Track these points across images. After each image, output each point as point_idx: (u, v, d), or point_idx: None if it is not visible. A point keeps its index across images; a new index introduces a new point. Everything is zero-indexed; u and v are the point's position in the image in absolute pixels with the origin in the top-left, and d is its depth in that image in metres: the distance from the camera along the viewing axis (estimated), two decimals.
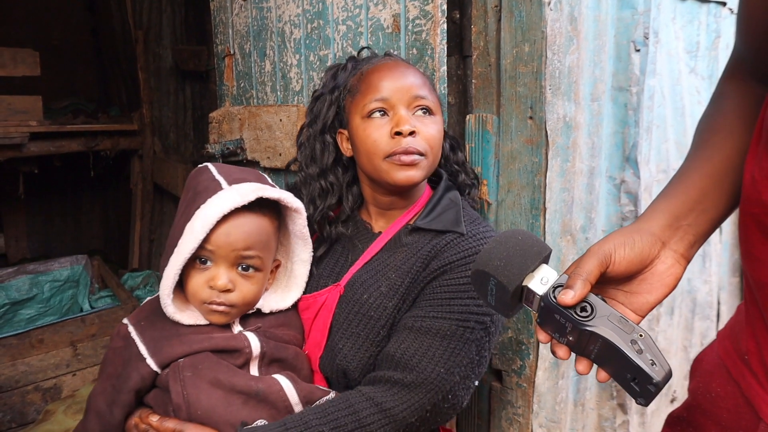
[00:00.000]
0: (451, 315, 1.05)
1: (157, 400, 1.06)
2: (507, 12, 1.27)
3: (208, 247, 1.02)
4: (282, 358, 1.11)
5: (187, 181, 1.12)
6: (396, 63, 1.18)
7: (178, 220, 1.07)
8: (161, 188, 4.19)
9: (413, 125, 1.09)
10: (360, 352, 1.10)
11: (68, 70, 4.98)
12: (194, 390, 1.01)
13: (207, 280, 1.04)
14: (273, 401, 1.03)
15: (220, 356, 1.05)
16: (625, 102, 1.41)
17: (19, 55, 3.49)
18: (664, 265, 0.78)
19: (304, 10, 1.63)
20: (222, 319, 1.08)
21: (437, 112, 1.15)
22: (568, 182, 1.31)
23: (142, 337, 1.07)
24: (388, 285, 1.11)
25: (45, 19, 4.80)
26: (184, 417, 1.01)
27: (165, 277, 1.04)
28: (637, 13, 1.37)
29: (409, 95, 1.12)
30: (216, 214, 1.00)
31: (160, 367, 1.04)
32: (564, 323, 0.72)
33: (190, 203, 1.05)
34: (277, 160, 1.76)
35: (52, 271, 3.64)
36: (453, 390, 1.04)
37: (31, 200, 4.58)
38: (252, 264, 1.07)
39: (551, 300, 0.72)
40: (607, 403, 1.50)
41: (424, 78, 1.17)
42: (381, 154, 1.11)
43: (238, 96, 1.99)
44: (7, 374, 2.62)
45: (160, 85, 4.13)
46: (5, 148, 3.47)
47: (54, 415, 2.29)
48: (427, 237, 1.13)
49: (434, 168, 1.17)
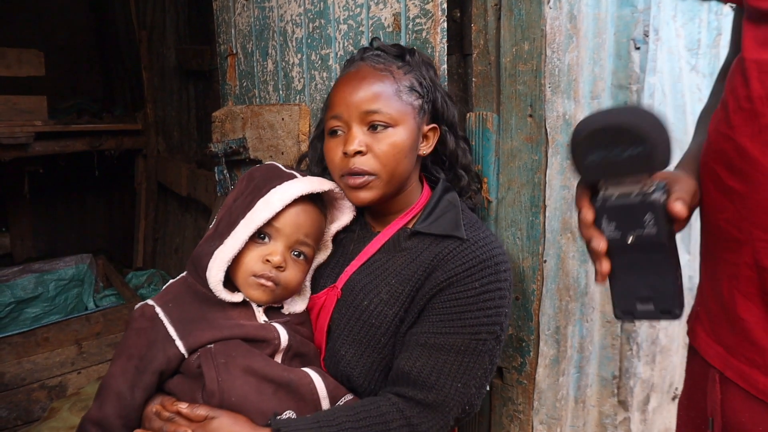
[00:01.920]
0: (464, 330, 1.04)
1: (182, 386, 1.04)
2: (507, 10, 1.27)
3: (275, 225, 1.08)
4: (305, 352, 1.13)
5: (249, 174, 1.16)
6: (356, 73, 1.13)
7: (235, 205, 1.11)
8: (165, 187, 4.21)
9: (361, 144, 1.08)
10: (363, 358, 1.11)
11: (73, 70, 5.02)
12: (228, 377, 1.00)
13: (263, 254, 1.07)
14: (302, 393, 1.04)
15: (250, 345, 1.06)
16: (625, 100, 1.41)
17: (25, 55, 3.53)
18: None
19: (305, 9, 1.64)
20: (264, 296, 1.09)
21: (400, 122, 1.10)
22: (568, 180, 1.31)
23: (170, 318, 1.05)
24: (388, 291, 1.11)
25: (50, 20, 4.84)
26: (216, 404, 1.00)
27: (225, 249, 1.06)
28: (636, 11, 1.37)
29: (360, 111, 1.08)
30: (295, 192, 1.08)
31: (188, 351, 1.03)
32: (649, 221, 0.73)
33: (259, 187, 1.10)
34: (279, 158, 1.77)
35: (57, 270, 3.67)
36: (470, 401, 1.06)
37: (36, 200, 4.62)
38: (304, 251, 1.13)
39: (660, 203, 0.73)
40: (608, 400, 1.50)
41: (384, 87, 1.10)
42: (337, 173, 1.13)
43: (241, 95, 2.00)
44: (13, 372, 2.64)
45: (164, 84, 4.15)
46: (11, 148, 3.50)
47: (59, 413, 2.31)
48: (427, 241, 1.13)
49: (400, 181, 1.14)
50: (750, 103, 0.70)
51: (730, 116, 0.73)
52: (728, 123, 0.73)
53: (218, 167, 2.00)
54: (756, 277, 0.72)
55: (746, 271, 0.72)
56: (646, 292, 0.75)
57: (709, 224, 0.79)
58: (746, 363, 0.73)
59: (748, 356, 0.73)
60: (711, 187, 0.77)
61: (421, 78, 1.16)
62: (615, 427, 1.52)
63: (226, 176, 2.00)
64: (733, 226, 0.73)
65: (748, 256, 0.72)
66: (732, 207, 0.73)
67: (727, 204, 0.74)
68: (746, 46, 0.72)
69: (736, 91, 0.73)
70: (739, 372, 0.74)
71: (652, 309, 0.76)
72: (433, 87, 1.19)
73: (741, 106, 0.71)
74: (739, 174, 0.72)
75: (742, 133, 0.70)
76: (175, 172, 3.92)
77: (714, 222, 0.77)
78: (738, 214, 0.72)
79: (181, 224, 4.12)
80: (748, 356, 0.73)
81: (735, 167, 0.72)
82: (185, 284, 1.12)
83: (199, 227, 3.77)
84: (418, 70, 1.17)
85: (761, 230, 0.70)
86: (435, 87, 1.19)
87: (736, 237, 0.73)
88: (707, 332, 0.80)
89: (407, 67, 1.16)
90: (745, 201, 0.71)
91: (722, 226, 0.75)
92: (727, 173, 0.73)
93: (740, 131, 0.71)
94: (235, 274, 1.09)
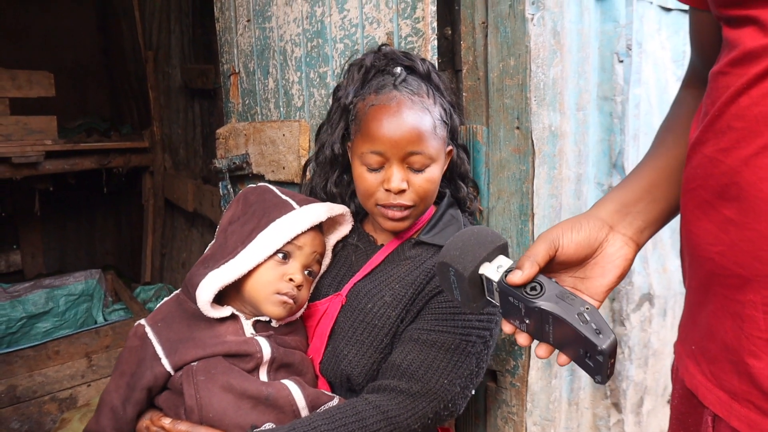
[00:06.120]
0: (455, 330, 1.10)
1: (168, 402, 1.11)
2: (493, 28, 1.34)
3: (297, 244, 1.15)
4: (290, 363, 1.17)
5: (243, 197, 1.22)
6: (398, 106, 1.13)
7: (231, 228, 1.18)
8: (172, 203, 4.28)
9: (404, 182, 1.13)
10: (364, 358, 1.15)
11: (81, 90, 5.12)
12: (207, 393, 1.06)
13: (285, 273, 1.13)
14: (281, 405, 1.09)
15: (233, 360, 1.11)
16: (610, 111, 1.46)
17: (35, 77, 3.62)
18: (613, 248, 0.82)
19: (304, 29, 1.71)
20: (284, 312, 1.14)
21: (436, 159, 1.15)
22: (555, 189, 1.36)
23: (159, 338, 1.12)
24: (391, 295, 1.17)
25: (59, 41, 4.95)
26: (196, 419, 1.06)
27: (227, 269, 1.11)
28: (619, 26, 1.43)
29: (404, 152, 1.12)
30: (321, 214, 1.19)
31: (174, 369, 1.10)
32: (518, 305, 0.76)
33: (270, 210, 1.17)
34: (280, 173, 1.83)
35: (67, 285, 3.74)
36: (453, 399, 1.10)
37: (46, 217, 4.70)
38: (314, 270, 1.21)
39: (503, 283, 0.77)
40: (602, 402, 1.54)
41: (424, 125, 1.13)
42: (372, 201, 1.17)
43: (244, 112, 2.06)
44: (25, 385, 2.70)
45: (170, 103, 4.23)
46: (22, 167, 3.58)
47: (70, 423, 2.36)
48: (430, 251, 1.20)
49: (428, 207, 1.21)
50: (742, 121, 0.62)
51: (718, 136, 0.66)
52: (717, 144, 0.66)
53: (222, 182, 2.06)
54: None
55: (753, 311, 0.64)
56: (582, 349, 0.73)
57: (699, 256, 0.71)
58: (756, 411, 0.65)
59: (757, 404, 0.65)
60: (699, 215, 0.70)
61: (443, 101, 1.22)
62: (609, 429, 1.55)
63: (230, 191, 2.06)
64: (731, 261, 0.65)
65: (753, 295, 0.64)
66: (727, 238, 0.65)
67: (721, 236, 0.66)
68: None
69: (722, 107, 0.66)
70: (747, 421, 0.66)
71: (595, 363, 0.73)
72: (451, 108, 1.25)
73: (731, 125, 0.64)
74: (735, 202, 0.64)
75: (735, 157, 0.63)
76: (181, 189, 3.99)
77: (705, 255, 0.69)
78: (735, 246, 0.65)
79: (188, 239, 4.19)
80: (756, 404, 0.65)
81: (729, 194, 0.64)
82: (177, 302, 1.19)
83: (205, 242, 3.83)
84: (440, 92, 1.22)
85: (766, 266, 0.62)
86: (452, 107, 1.25)
87: (737, 273, 0.65)
88: (705, 375, 0.72)
89: (433, 90, 1.20)
90: (744, 232, 0.63)
91: (716, 260, 0.67)
92: (720, 201, 0.66)
93: (733, 154, 0.63)
94: (252, 292, 1.14)
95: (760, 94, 0.60)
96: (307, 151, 1.74)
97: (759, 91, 0.60)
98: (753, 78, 0.61)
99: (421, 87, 1.18)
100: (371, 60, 1.24)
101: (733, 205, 0.64)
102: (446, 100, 1.23)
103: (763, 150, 0.60)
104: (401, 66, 1.21)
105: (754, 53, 0.61)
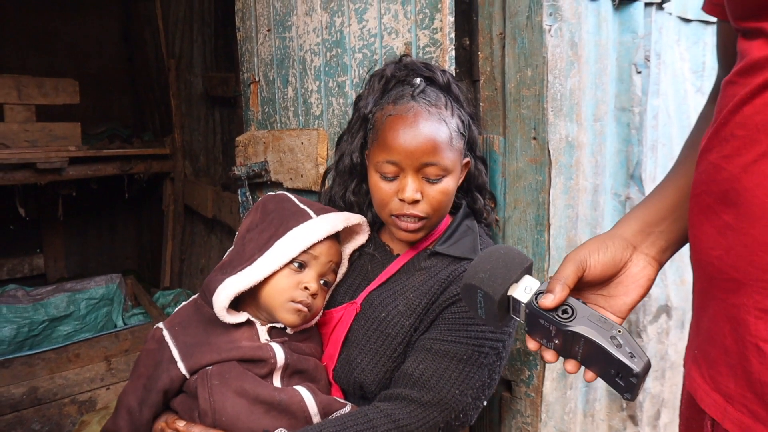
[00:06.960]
0: (468, 340, 1.10)
1: (183, 405, 1.13)
2: (510, 39, 1.34)
3: (313, 253, 1.16)
4: (303, 369, 1.18)
5: (262, 205, 1.24)
6: (415, 117, 1.14)
7: (249, 236, 1.19)
8: (192, 209, 4.33)
9: (418, 192, 1.14)
10: (377, 366, 1.16)
11: (105, 97, 5.22)
12: (221, 397, 1.07)
13: (300, 282, 1.15)
14: (293, 411, 1.10)
15: (247, 365, 1.12)
16: (628, 122, 1.46)
17: (61, 84, 3.70)
18: (637, 267, 0.84)
19: (323, 39, 1.73)
20: (298, 320, 1.16)
21: (452, 170, 1.16)
22: (572, 199, 1.36)
23: (176, 341, 1.14)
24: (405, 304, 1.17)
25: (84, 49, 5.06)
26: (210, 423, 1.07)
27: (243, 276, 1.13)
28: (637, 36, 1.43)
29: (419, 162, 1.13)
30: (338, 224, 1.20)
31: (190, 372, 1.11)
32: (548, 327, 0.77)
33: (287, 218, 1.19)
34: (299, 181, 1.85)
35: (88, 289, 3.81)
36: (465, 410, 1.10)
37: (68, 222, 4.77)
38: (329, 280, 1.22)
39: (534, 306, 0.78)
40: (618, 414, 1.53)
41: (440, 136, 1.13)
42: (387, 211, 1.19)
43: (263, 120, 2.09)
44: (46, 387, 2.75)
45: (191, 110, 4.30)
46: (46, 172, 3.65)
47: (89, 425, 2.40)
48: (445, 262, 1.20)
49: (443, 218, 1.22)
50: (744, 129, 0.64)
51: (722, 144, 0.68)
52: (720, 151, 0.68)
53: (241, 189, 2.09)
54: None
55: (746, 315, 0.65)
56: (614, 370, 0.74)
57: (701, 260, 0.73)
58: (748, 415, 0.66)
59: (750, 407, 0.66)
60: (702, 220, 0.72)
61: (461, 113, 1.22)
62: None
63: (249, 198, 2.09)
64: (728, 265, 0.67)
65: (747, 299, 0.65)
66: (725, 243, 0.67)
67: (720, 240, 0.68)
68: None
69: (727, 115, 0.67)
70: (739, 424, 0.67)
71: (626, 383, 0.74)
72: (470, 119, 1.25)
73: (734, 133, 0.66)
74: (733, 207, 0.66)
75: (736, 163, 0.65)
76: (201, 195, 4.04)
77: (705, 259, 0.71)
78: (732, 251, 0.66)
79: (207, 245, 4.24)
80: (750, 407, 0.66)
81: (729, 200, 0.66)
82: (195, 306, 1.21)
83: (223, 248, 3.87)
84: (459, 103, 1.23)
85: (761, 271, 0.63)
86: (471, 118, 1.26)
87: (733, 277, 0.67)
88: (704, 378, 0.73)
89: (452, 102, 1.21)
90: (740, 237, 0.65)
91: (715, 264, 0.69)
92: (721, 206, 0.68)
93: (734, 161, 0.65)
94: (268, 299, 1.16)
95: (763, 102, 0.62)
96: (325, 159, 1.76)
97: (762, 100, 0.62)
98: (756, 87, 0.62)
99: (439, 98, 1.19)
100: (392, 70, 1.25)
101: (731, 210, 0.66)
102: (465, 111, 1.24)
103: (762, 157, 0.61)
104: (421, 77, 1.22)
105: (759, 63, 0.63)
